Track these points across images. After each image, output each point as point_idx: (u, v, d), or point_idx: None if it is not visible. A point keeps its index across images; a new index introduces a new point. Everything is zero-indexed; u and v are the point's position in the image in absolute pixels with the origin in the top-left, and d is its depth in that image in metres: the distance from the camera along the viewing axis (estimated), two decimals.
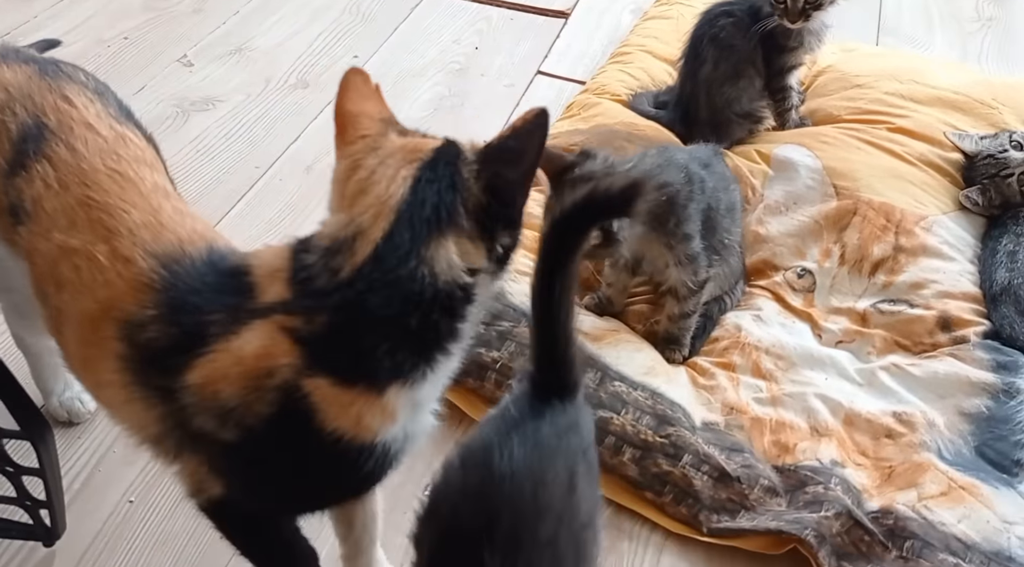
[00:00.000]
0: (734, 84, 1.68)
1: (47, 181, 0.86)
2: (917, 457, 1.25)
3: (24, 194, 0.87)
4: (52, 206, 0.85)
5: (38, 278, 0.89)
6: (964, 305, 1.44)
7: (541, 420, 0.81)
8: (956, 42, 2.23)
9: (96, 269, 0.82)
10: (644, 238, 1.36)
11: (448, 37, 2.19)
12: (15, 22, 2.07)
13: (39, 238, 0.86)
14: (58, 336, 0.90)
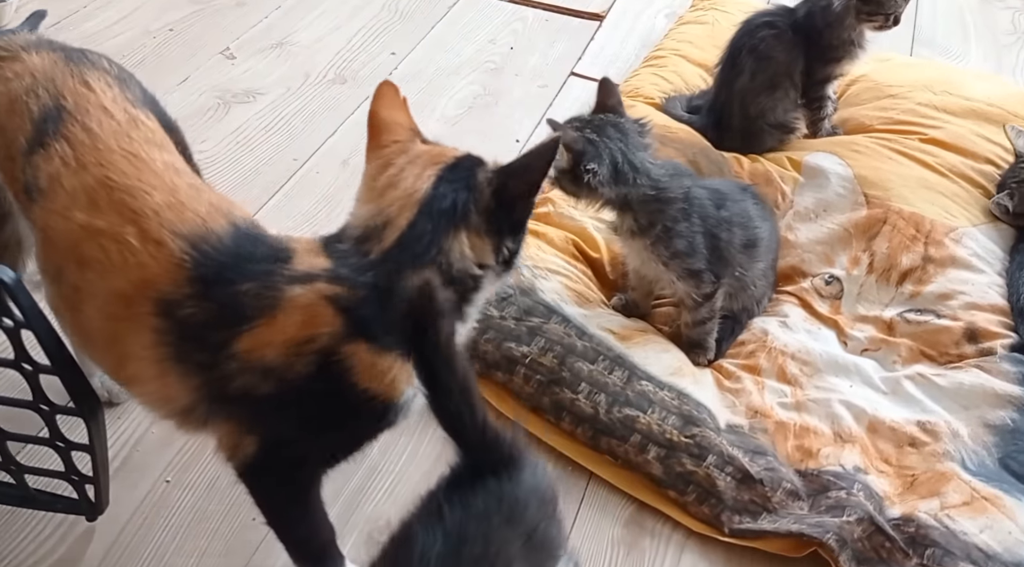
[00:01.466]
0: (770, 95, 1.69)
1: (65, 160, 0.90)
2: (940, 466, 1.26)
3: (40, 172, 0.91)
4: (71, 185, 0.89)
5: (50, 255, 0.92)
6: (992, 317, 1.45)
7: (468, 511, 0.76)
8: (991, 54, 2.23)
9: (128, 251, 0.85)
10: (633, 248, 1.38)
11: (484, 36, 2.22)
12: (66, 11, 2.12)
13: (55, 216, 0.89)
14: (71, 313, 0.92)
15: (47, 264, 0.94)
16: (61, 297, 0.92)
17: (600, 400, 1.29)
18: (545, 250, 1.52)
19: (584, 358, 1.32)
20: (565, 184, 1.30)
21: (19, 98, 0.95)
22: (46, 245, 0.92)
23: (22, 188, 0.94)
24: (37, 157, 0.91)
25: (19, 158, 0.93)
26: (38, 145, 0.92)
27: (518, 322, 1.35)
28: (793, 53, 1.68)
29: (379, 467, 1.29)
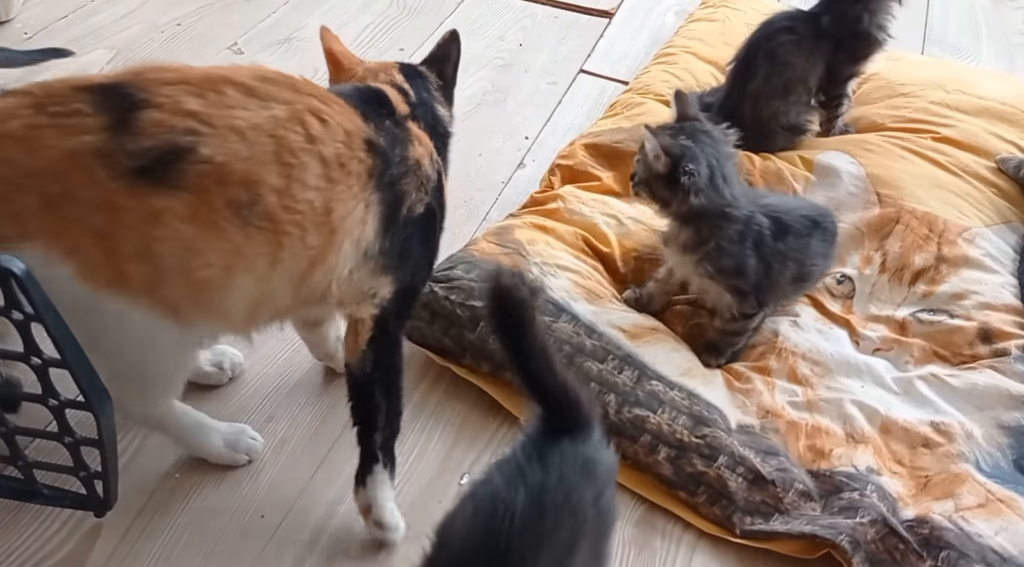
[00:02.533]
0: (783, 99, 1.68)
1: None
2: (954, 468, 1.25)
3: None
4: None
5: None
6: (1006, 317, 1.44)
7: (547, 467, 0.81)
8: (1003, 54, 2.22)
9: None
10: (681, 261, 1.38)
11: (493, 33, 2.21)
12: (73, 5, 2.12)
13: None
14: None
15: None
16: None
17: (610, 400, 1.28)
18: (554, 246, 1.51)
19: (593, 357, 1.31)
20: (657, 189, 1.31)
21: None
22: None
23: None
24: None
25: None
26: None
27: None
28: (811, 59, 1.66)
29: None
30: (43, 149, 0.91)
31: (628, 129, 1.73)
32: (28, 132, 0.91)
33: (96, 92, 0.93)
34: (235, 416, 1.30)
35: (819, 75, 1.69)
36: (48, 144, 0.91)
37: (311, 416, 1.34)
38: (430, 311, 1.37)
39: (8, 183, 0.91)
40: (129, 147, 0.92)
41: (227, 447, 1.24)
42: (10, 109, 0.92)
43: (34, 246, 0.91)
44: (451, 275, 1.39)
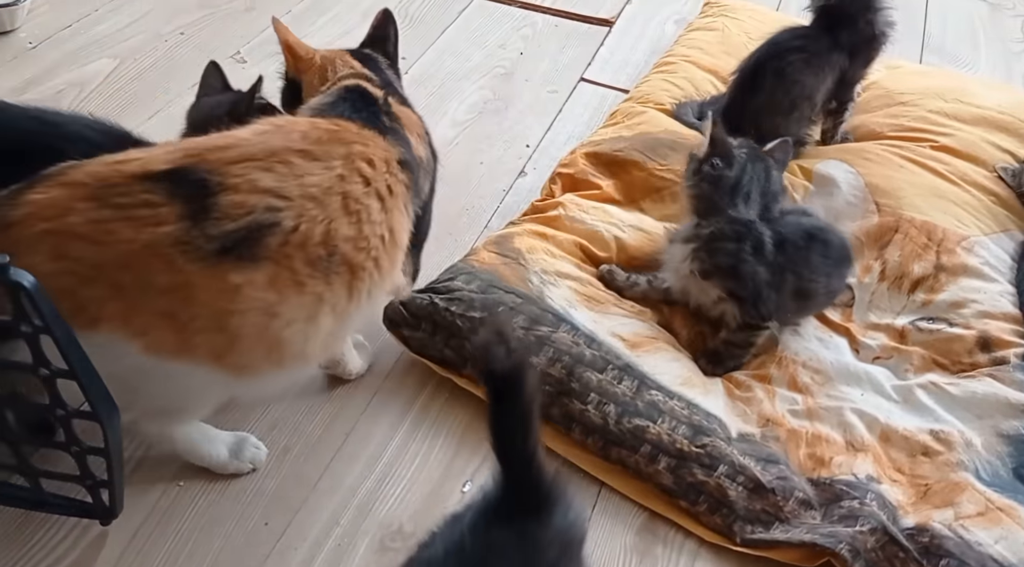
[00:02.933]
0: (786, 116, 1.68)
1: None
2: (954, 476, 1.26)
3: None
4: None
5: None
6: (1004, 326, 1.45)
7: (489, 546, 0.79)
8: (1001, 62, 2.23)
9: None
10: (681, 252, 1.40)
11: (494, 42, 2.22)
12: (77, 15, 2.12)
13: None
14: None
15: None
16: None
17: (609, 410, 1.28)
18: (555, 253, 1.52)
19: (593, 367, 1.32)
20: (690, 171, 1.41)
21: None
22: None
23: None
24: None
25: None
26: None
27: (527, 331, 1.34)
28: (822, 75, 1.67)
29: (390, 473, 1.29)
30: (115, 244, 0.92)
31: (629, 138, 1.74)
32: (95, 228, 0.92)
33: (162, 179, 0.94)
34: (238, 425, 1.31)
35: (828, 89, 1.70)
36: (121, 238, 0.92)
37: (314, 424, 1.34)
38: (431, 322, 1.38)
39: (75, 278, 0.92)
40: (211, 232, 0.94)
41: (231, 456, 1.24)
42: (64, 202, 0.92)
43: (100, 332, 0.93)
44: (451, 286, 1.40)
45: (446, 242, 1.67)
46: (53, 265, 0.91)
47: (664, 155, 1.68)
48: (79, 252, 0.92)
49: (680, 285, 1.44)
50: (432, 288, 1.42)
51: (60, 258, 0.92)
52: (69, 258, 0.92)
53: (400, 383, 1.41)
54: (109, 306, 0.93)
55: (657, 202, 1.66)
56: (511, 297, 1.39)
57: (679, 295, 1.47)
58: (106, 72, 1.97)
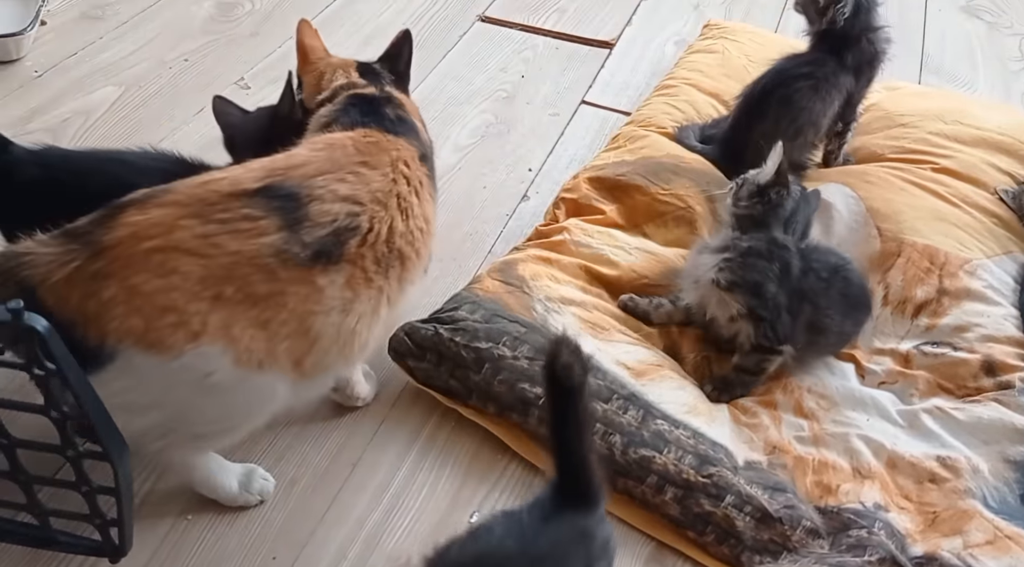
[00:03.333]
0: (791, 141, 1.68)
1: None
2: (962, 504, 1.26)
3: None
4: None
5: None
6: (1009, 350, 1.45)
7: (548, 532, 0.88)
8: (999, 81, 2.24)
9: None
10: (708, 263, 1.41)
11: (495, 65, 2.23)
12: (82, 43, 2.14)
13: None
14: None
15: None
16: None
17: (615, 441, 1.29)
18: (559, 279, 1.52)
19: (598, 397, 1.32)
20: (753, 194, 1.42)
21: None
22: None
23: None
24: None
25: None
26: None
27: (531, 361, 1.35)
28: (828, 100, 1.68)
29: (397, 504, 1.29)
30: (220, 256, 0.98)
31: (631, 162, 1.75)
32: (202, 242, 0.98)
33: (255, 195, 1.03)
34: (245, 457, 1.31)
35: (835, 112, 1.71)
36: (227, 251, 0.98)
37: (321, 455, 1.35)
38: (436, 353, 1.38)
39: (182, 294, 0.96)
40: (306, 239, 1.03)
41: (241, 488, 1.25)
42: (168, 221, 0.98)
43: (200, 346, 0.97)
44: (456, 316, 1.40)
45: (450, 267, 1.68)
46: (161, 282, 0.96)
47: (667, 180, 1.69)
48: (187, 267, 0.97)
49: (698, 295, 1.44)
50: (436, 318, 1.42)
51: (169, 274, 0.96)
52: (178, 273, 0.96)
53: (406, 412, 1.42)
54: (212, 318, 0.98)
55: (660, 227, 1.67)
56: (515, 326, 1.39)
57: (696, 309, 1.47)
58: (111, 100, 1.98)
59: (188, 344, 0.96)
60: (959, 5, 2.54)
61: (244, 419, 1.10)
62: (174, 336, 0.96)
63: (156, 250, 0.96)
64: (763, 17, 2.45)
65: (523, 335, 1.38)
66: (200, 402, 1.03)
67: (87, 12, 2.24)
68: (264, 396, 1.07)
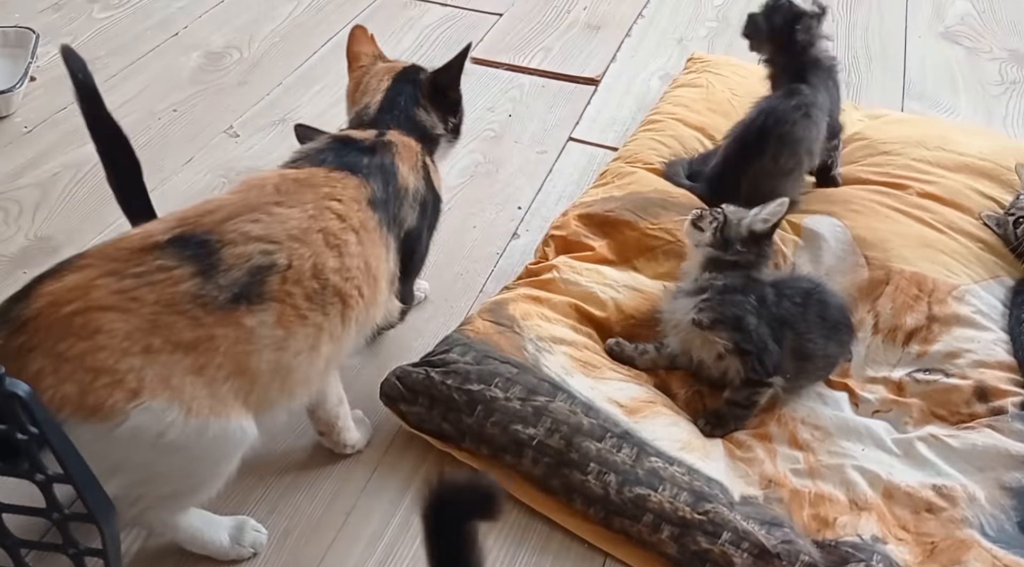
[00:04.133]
0: (787, 176, 1.69)
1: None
2: (960, 533, 1.25)
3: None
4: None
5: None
6: (1000, 374, 1.45)
7: None
8: (981, 106, 2.26)
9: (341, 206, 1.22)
10: (685, 307, 1.42)
11: (482, 105, 2.26)
12: (72, 98, 2.14)
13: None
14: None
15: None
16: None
17: (610, 480, 1.28)
18: (550, 318, 1.53)
19: (591, 437, 1.32)
20: (732, 232, 1.44)
21: None
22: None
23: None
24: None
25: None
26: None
27: (523, 402, 1.34)
28: (818, 121, 1.70)
29: (392, 553, 1.28)
30: (141, 309, 0.99)
31: (620, 197, 1.76)
32: (121, 298, 0.99)
33: (167, 246, 1.04)
34: (237, 509, 1.30)
35: (823, 132, 1.73)
36: (146, 302, 1.00)
37: (314, 505, 1.34)
38: (428, 397, 1.38)
39: (111, 353, 0.96)
40: (222, 282, 1.04)
41: (232, 542, 1.24)
42: (84, 283, 0.99)
43: (142, 403, 0.97)
44: (447, 359, 1.40)
45: (441, 308, 1.68)
46: (86, 344, 0.95)
47: (655, 214, 1.70)
48: (110, 325, 0.97)
49: (682, 340, 1.45)
50: (428, 361, 1.42)
51: (93, 334, 0.96)
52: (102, 332, 0.96)
53: (400, 458, 1.41)
54: (147, 373, 0.98)
55: (651, 260, 1.67)
56: (507, 367, 1.39)
57: (682, 354, 1.48)
58: None
59: (130, 403, 0.96)
60: (938, 31, 2.57)
61: (212, 470, 1.09)
62: (112, 397, 0.95)
63: (76, 313, 0.96)
64: (745, 49, 2.47)
65: (515, 376, 1.38)
66: (162, 462, 1.03)
67: None
68: (226, 442, 1.06)
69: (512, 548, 1.29)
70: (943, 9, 2.68)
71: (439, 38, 2.50)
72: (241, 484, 1.34)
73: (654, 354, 1.50)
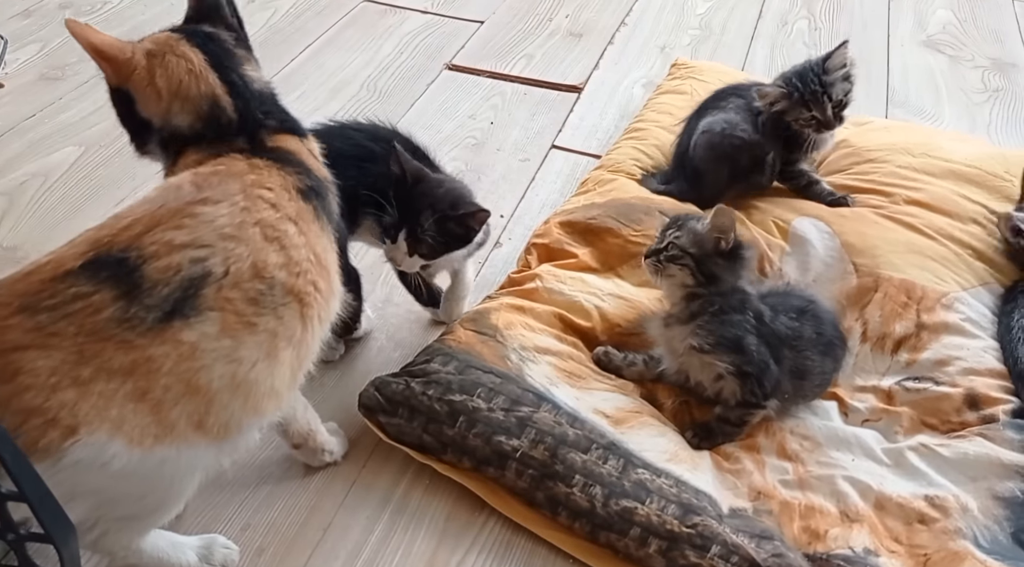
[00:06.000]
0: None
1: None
2: (953, 545, 1.22)
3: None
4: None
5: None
6: (991, 382, 1.43)
7: None
8: (964, 113, 2.26)
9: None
10: (676, 335, 1.38)
11: (464, 112, 2.23)
12: (41, 104, 2.11)
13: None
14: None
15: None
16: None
17: (596, 492, 1.24)
18: (533, 327, 1.49)
19: (576, 448, 1.28)
20: (708, 265, 1.36)
21: None
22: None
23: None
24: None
25: None
26: None
27: (507, 413, 1.31)
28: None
29: (376, 559, 1.25)
30: (63, 342, 0.91)
31: (601, 204, 1.73)
32: (38, 335, 0.90)
33: (80, 272, 0.94)
34: (209, 526, 1.26)
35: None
36: (67, 335, 0.91)
37: (290, 521, 1.29)
38: (408, 408, 1.34)
39: (37, 392, 0.89)
40: (148, 302, 0.94)
41: (201, 561, 1.18)
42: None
43: (78, 440, 0.90)
44: (428, 369, 1.36)
45: (423, 317, 1.64)
46: (9, 387, 0.88)
47: (638, 220, 1.67)
48: (32, 364, 0.89)
49: (679, 364, 1.41)
50: (408, 371, 1.38)
51: (14, 376, 0.89)
52: (23, 373, 0.89)
53: (378, 472, 1.36)
54: (81, 406, 0.90)
55: (635, 268, 1.64)
56: (490, 377, 1.35)
57: (676, 376, 1.44)
58: (71, 160, 1.95)
59: (66, 441, 0.89)
60: (920, 40, 2.58)
61: (167, 493, 1.03)
62: (47, 437, 0.88)
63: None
64: (729, 56, 2.47)
65: (498, 386, 1.34)
66: (113, 488, 0.96)
67: (46, 73, 2.23)
68: (178, 468, 0.99)
69: (495, 564, 1.25)
70: (925, 18, 2.69)
71: (419, 46, 2.48)
72: (212, 500, 1.30)
73: (642, 367, 1.46)
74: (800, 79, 1.68)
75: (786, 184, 1.79)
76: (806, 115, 1.67)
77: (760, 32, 2.60)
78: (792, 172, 1.77)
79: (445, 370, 1.36)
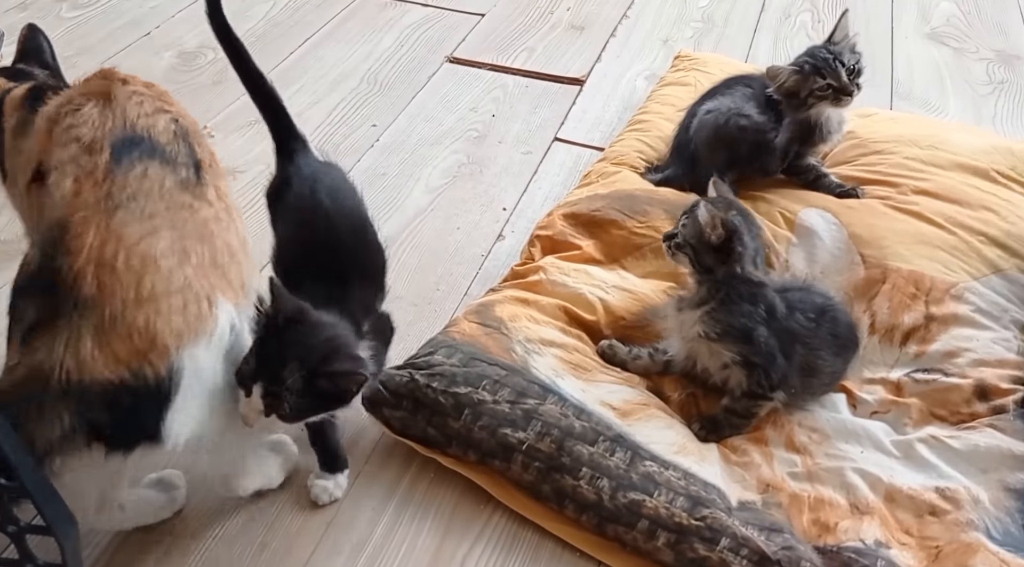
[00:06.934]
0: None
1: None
2: (965, 537, 1.21)
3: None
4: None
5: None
6: (1001, 373, 1.41)
7: None
8: (969, 105, 2.24)
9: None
10: (686, 321, 1.37)
11: (465, 105, 2.21)
12: None
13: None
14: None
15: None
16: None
17: (603, 485, 1.22)
18: (538, 320, 1.47)
19: (583, 440, 1.26)
20: (703, 256, 1.35)
21: None
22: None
23: None
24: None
25: None
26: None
27: (513, 405, 1.29)
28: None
29: (375, 564, 1.22)
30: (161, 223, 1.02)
31: (605, 196, 1.72)
32: (141, 224, 1.00)
33: (119, 158, 1.06)
34: (211, 520, 1.24)
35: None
36: (157, 213, 1.02)
37: (292, 515, 1.27)
38: (412, 400, 1.32)
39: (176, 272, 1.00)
40: (180, 160, 1.10)
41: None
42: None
43: (217, 305, 1.02)
44: (432, 361, 1.35)
45: (425, 311, 1.63)
46: (153, 276, 0.97)
47: (643, 212, 1.66)
48: (155, 249, 0.99)
49: (687, 350, 1.40)
50: (412, 364, 1.37)
51: (154, 261, 0.98)
52: (160, 256, 0.98)
53: (382, 465, 1.35)
54: (201, 281, 1.01)
55: (639, 259, 1.63)
56: (495, 369, 1.34)
57: (684, 362, 1.43)
58: None
59: (213, 310, 1.00)
60: (924, 32, 2.56)
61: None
62: (201, 312, 0.98)
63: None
64: (732, 49, 2.45)
65: (503, 378, 1.32)
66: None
67: None
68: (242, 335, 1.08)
69: (500, 557, 1.23)
70: (928, 11, 2.67)
71: (420, 39, 2.46)
72: (214, 494, 1.27)
73: (647, 360, 1.45)
74: (809, 55, 1.67)
75: (794, 179, 1.77)
76: (821, 83, 1.64)
77: (763, 24, 2.58)
78: (800, 166, 1.75)
79: (449, 362, 1.34)
